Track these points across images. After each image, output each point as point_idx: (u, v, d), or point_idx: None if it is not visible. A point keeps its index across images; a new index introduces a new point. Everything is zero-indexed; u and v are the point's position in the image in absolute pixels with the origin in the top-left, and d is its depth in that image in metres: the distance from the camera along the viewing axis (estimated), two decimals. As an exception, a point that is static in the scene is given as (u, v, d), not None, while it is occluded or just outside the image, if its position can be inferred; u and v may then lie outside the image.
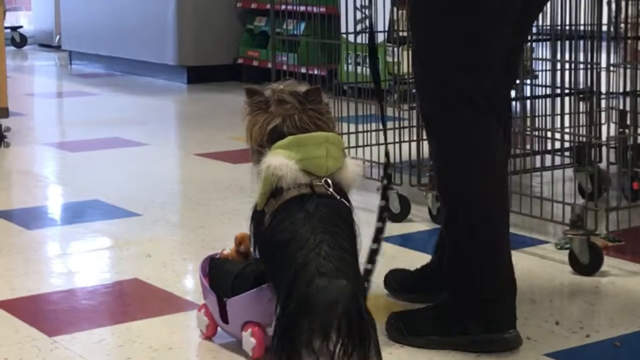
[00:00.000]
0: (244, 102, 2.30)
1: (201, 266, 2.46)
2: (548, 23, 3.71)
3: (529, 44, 4.34)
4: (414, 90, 3.87)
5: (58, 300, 2.80)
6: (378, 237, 2.24)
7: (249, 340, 2.31)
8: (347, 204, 2.18)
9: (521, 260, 3.11)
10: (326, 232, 2.04)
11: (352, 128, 4.11)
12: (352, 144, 4.04)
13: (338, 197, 2.16)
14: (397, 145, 3.82)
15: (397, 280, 2.73)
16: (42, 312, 2.71)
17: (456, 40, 2.37)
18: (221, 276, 2.38)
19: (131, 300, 2.79)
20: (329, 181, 2.16)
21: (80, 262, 3.21)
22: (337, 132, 2.39)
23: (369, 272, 2.24)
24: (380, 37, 5.04)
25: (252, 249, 2.30)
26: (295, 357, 1.93)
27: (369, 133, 4.01)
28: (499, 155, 2.43)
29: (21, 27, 10.17)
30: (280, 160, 2.15)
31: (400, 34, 4.09)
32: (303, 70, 4.26)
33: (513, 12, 2.41)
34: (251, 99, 2.28)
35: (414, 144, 3.75)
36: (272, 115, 2.25)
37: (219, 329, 2.45)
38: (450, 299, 2.43)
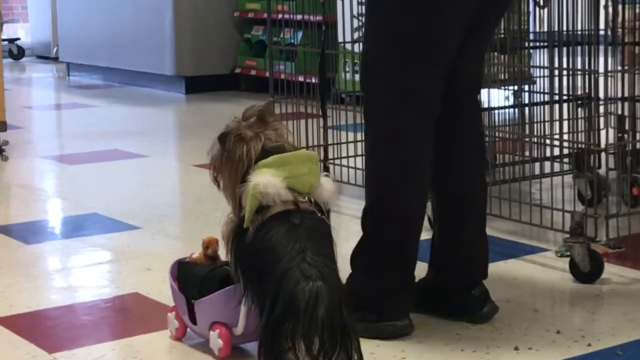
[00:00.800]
0: (220, 150, 2.35)
1: (170, 270, 2.56)
2: (545, 29, 3.71)
3: (527, 50, 4.34)
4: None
5: (58, 316, 2.80)
6: None
7: (216, 341, 2.40)
8: (327, 221, 2.25)
9: (521, 269, 3.11)
10: (310, 240, 2.13)
11: (351, 137, 4.10)
12: (351, 152, 4.04)
13: (319, 214, 2.22)
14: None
15: None
16: (41, 328, 2.70)
17: (410, 40, 2.46)
18: (189, 279, 2.48)
19: (131, 315, 2.78)
20: (312, 199, 2.24)
21: (80, 276, 3.21)
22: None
23: None
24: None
25: (229, 258, 2.35)
26: None
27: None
28: (425, 155, 2.50)
29: (18, 39, 10.17)
30: (268, 179, 2.21)
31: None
32: (301, 79, 4.26)
33: (467, 14, 2.49)
34: (227, 139, 2.33)
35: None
36: (253, 139, 2.31)
37: (188, 330, 2.54)
38: (352, 288, 2.47)
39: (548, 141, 3.92)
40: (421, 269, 2.78)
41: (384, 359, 2.41)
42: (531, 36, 4.38)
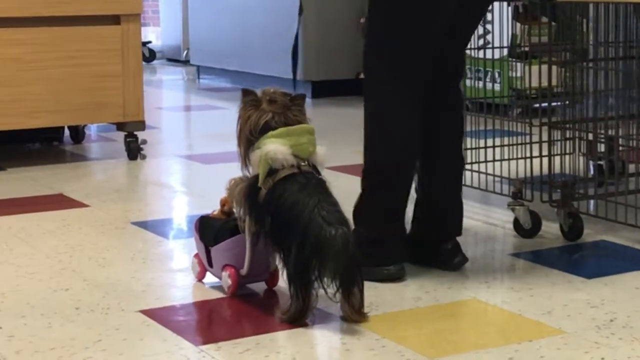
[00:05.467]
0: (240, 100, 2.85)
1: (194, 224, 3.11)
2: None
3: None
4: (542, 105, 3.89)
5: (201, 309, 2.91)
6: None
7: (226, 280, 2.96)
8: (324, 178, 2.76)
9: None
10: (320, 194, 2.65)
11: (474, 143, 4.11)
12: (474, 159, 4.03)
13: (317, 174, 2.73)
14: (527, 161, 3.83)
15: None
16: (187, 321, 2.81)
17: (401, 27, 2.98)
18: (207, 230, 3.04)
19: (273, 311, 2.85)
20: (310, 163, 2.76)
21: (221, 273, 3.31)
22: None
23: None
24: (498, 52, 5.03)
25: (236, 212, 2.91)
26: (308, 288, 2.58)
27: (492, 148, 4.01)
28: (412, 126, 3.03)
29: (150, 42, 10.48)
30: (276, 147, 2.72)
31: (523, 48, 4.11)
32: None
33: (450, 9, 2.96)
34: (245, 97, 2.86)
35: (544, 160, 3.75)
36: (263, 112, 2.80)
37: (207, 273, 3.09)
38: (356, 239, 2.91)
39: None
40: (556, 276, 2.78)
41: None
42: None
